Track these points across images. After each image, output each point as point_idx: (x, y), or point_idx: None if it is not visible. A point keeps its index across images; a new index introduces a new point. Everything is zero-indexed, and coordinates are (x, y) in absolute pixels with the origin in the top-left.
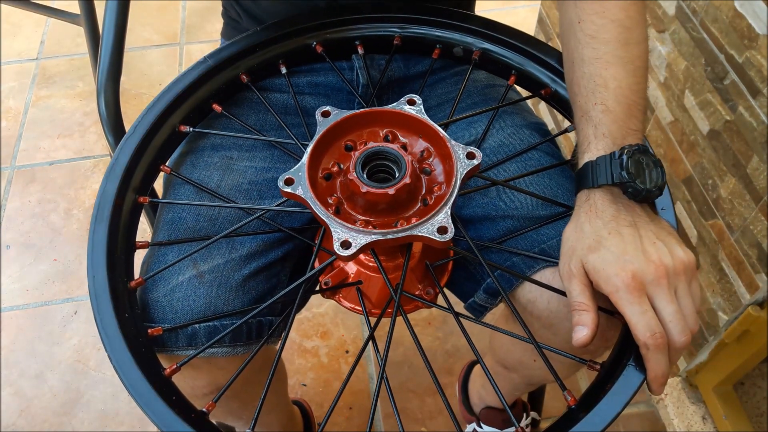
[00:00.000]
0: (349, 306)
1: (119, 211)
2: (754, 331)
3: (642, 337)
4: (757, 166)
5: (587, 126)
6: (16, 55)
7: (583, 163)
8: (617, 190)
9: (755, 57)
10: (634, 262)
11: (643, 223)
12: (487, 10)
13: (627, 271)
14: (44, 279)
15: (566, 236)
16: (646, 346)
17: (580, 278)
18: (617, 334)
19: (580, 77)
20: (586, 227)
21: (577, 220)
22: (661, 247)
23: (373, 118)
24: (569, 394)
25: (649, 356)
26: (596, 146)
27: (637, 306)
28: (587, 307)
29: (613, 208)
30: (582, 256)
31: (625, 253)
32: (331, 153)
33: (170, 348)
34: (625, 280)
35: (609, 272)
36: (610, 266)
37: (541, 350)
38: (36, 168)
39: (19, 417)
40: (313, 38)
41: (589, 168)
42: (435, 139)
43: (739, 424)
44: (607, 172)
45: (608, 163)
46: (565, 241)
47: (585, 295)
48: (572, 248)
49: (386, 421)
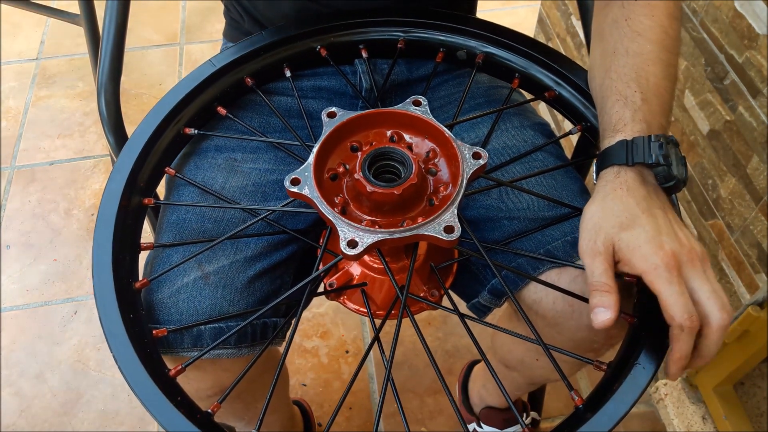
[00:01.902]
0: (354, 308)
1: (124, 212)
2: (754, 331)
3: (679, 318)
4: (757, 166)
5: (624, 108)
6: (16, 55)
7: (615, 141)
8: (648, 172)
9: (755, 57)
10: (671, 242)
11: (669, 209)
12: (487, 10)
13: (666, 250)
14: (44, 279)
15: (590, 213)
16: (681, 327)
17: (606, 257)
18: (622, 333)
19: (621, 66)
20: (616, 205)
21: (603, 197)
22: (687, 233)
23: (379, 119)
24: (576, 394)
25: (682, 337)
26: (633, 128)
27: (676, 286)
28: (610, 288)
29: (644, 189)
30: (613, 233)
31: (660, 233)
32: (337, 154)
33: (175, 349)
34: (665, 259)
35: (646, 250)
36: (647, 245)
37: (548, 350)
38: (36, 168)
39: (19, 417)
40: (317, 42)
41: (624, 145)
42: (441, 139)
43: (739, 424)
44: (645, 151)
45: (646, 143)
46: (589, 217)
47: (608, 275)
48: (598, 225)
49: (386, 421)
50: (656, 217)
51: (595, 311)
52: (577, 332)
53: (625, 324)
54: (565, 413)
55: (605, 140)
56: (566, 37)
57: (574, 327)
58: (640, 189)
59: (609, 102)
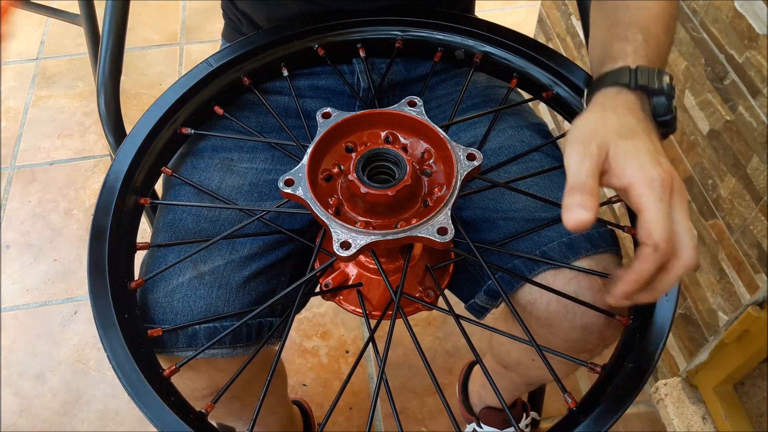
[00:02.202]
0: (350, 308)
1: (120, 212)
2: (754, 331)
3: (658, 237)
4: (757, 166)
5: (626, 44)
6: (16, 55)
7: (617, 67)
8: (647, 101)
9: (755, 57)
10: (667, 164)
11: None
12: (487, 10)
13: (664, 168)
14: (44, 279)
15: (586, 120)
16: (655, 248)
17: (597, 161)
18: (616, 334)
19: (623, 17)
20: (616, 117)
21: (602, 109)
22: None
23: (374, 119)
24: (570, 397)
25: (650, 259)
26: (635, 60)
27: (665, 205)
28: (593, 191)
29: (643, 114)
30: (610, 140)
31: (658, 153)
32: (332, 154)
33: (170, 349)
34: (662, 175)
35: (645, 161)
36: (646, 156)
37: (541, 352)
38: (36, 168)
39: (19, 417)
40: (314, 41)
41: (627, 70)
42: (435, 140)
43: (739, 425)
44: (650, 77)
45: (651, 73)
46: (584, 124)
47: (594, 179)
48: (595, 130)
49: (386, 421)
50: (653, 141)
51: (571, 208)
52: (570, 333)
53: (619, 325)
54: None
55: (605, 66)
56: (566, 37)
57: (567, 327)
58: (639, 112)
59: (608, 41)
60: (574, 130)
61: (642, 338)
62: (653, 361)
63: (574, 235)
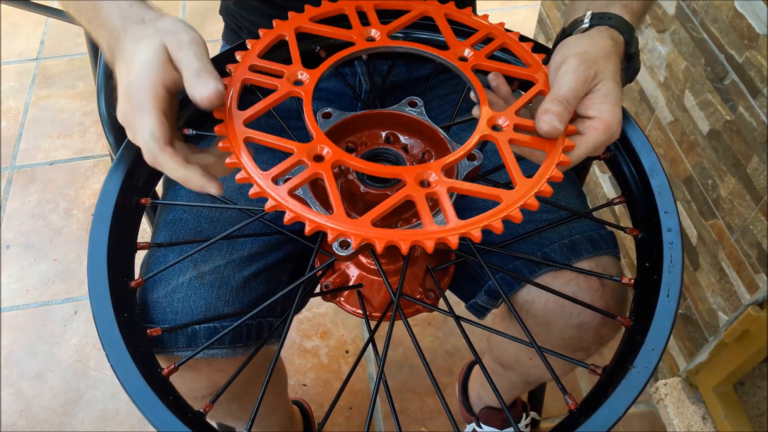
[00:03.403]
0: (351, 309)
1: (120, 211)
2: (754, 331)
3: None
4: (757, 166)
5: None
6: (16, 55)
7: (617, 10)
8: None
9: (755, 57)
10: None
11: None
12: (487, 10)
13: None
14: (44, 279)
15: (590, 48)
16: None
17: (587, 87)
18: (612, 333)
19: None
20: (616, 59)
21: (604, 47)
22: None
23: (374, 120)
24: (570, 398)
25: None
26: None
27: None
28: (572, 111)
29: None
30: (606, 77)
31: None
32: None
33: (170, 349)
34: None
35: (616, 110)
36: (618, 108)
37: (540, 352)
38: (36, 168)
39: (19, 417)
40: (316, 43)
41: (624, 23)
42: (435, 140)
43: (739, 425)
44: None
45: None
46: (587, 49)
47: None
48: (595, 59)
49: (386, 421)
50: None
51: (549, 115)
52: (566, 331)
53: (615, 324)
54: (565, 414)
55: (617, 8)
56: None
57: (563, 326)
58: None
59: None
60: (579, 48)
61: (643, 339)
62: (654, 363)
63: (575, 237)
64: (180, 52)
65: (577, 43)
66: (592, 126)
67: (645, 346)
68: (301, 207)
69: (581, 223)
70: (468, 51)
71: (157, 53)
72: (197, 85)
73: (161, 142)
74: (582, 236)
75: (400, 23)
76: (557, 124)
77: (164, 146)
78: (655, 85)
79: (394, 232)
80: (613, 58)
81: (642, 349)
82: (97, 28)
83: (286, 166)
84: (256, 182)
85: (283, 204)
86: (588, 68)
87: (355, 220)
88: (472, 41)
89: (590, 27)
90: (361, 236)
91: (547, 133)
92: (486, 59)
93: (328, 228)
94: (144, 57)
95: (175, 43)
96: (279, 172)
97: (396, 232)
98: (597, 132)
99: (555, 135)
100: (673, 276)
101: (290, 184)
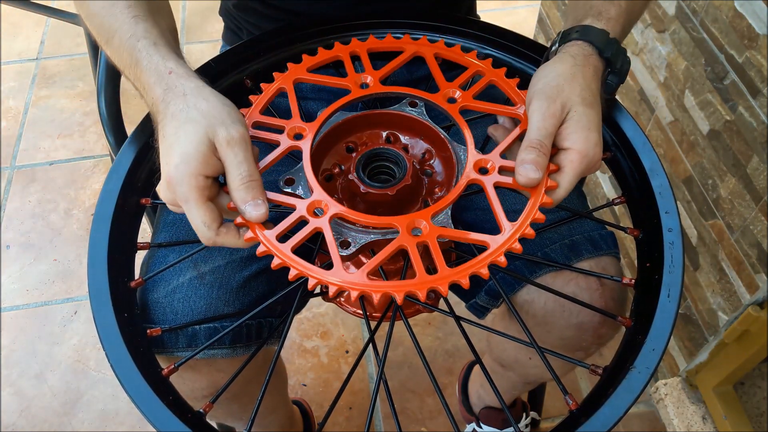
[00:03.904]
0: (351, 309)
1: (121, 212)
2: (754, 331)
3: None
4: (757, 166)
5: (611, 6)
6: (16, 55)
7: (600, 26)
8: (604, 74)
9: (755, 57)
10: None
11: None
12: (487, 10)
13: (599, 147)
14: (44, 279)
15: (558, 72)
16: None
17: (557, 121)
18: (611, 333)
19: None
20: (584, 80)
21: (573, 65)
22: None
23: (375, 120)
24: (571, 399)
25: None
26: (615, 27)
27: (578, 177)
28: (547, 152)
29: (598, 84)
30: (574, 103)
31: (600, 127)
32: (333, 154)
33: (170, 349)
34: (596, 154)
35: (591, 136)
36: (596, 133)
37: (541, 352)
38: (36, 168)
39: (19, 417)
40: (317, 43)
41: (606, 36)
42: (436, 140)
43: (739, 425)
44: (620, 56)
45: (621, 51)
46: (556, 75)
47: (551, 139)
48: (562, 87)
49: (386, 421)
50: (600, 113)
51: (525, 166)
52: (566, 331)
53: (614, 324)
54: (565, 413)
55: (588, 19)
56: None
57: (563, 326)
58: (598, 82)
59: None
60: (543, 81)
61: (644, 339)
62: (655, 363)
63: (575, 237)
64: (228, 149)
65: (540, 76)
66: (568, 158)
67: (645, 346)
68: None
69: (581, 223)
70: (457, 92)
71: (200, 144)
72: (249, 206)
73: (215, 227)
74: (582, 236)
75: (393, 67)
76: (533, 174)
77: (218, 230)
78: (655, 85)
79: (389, 284)
80: (579, 78)
81: (642, 350)
82: (140, 86)
83: (288, 225)
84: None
85: (288, 262)
86: (552, 102)
87: (353, 274)
88: (460, 81)
89: (558, 48)
90: (360, 290)
91: (526, 185)
92: (473, 100)
93: (329, 283)
94: (186, 148)
95: (224, 139)
96: (282, 231)
97: (391, 284)
98: (574, 164)
99: (534, 184)
100: (674, 276)
101: (292, 242)
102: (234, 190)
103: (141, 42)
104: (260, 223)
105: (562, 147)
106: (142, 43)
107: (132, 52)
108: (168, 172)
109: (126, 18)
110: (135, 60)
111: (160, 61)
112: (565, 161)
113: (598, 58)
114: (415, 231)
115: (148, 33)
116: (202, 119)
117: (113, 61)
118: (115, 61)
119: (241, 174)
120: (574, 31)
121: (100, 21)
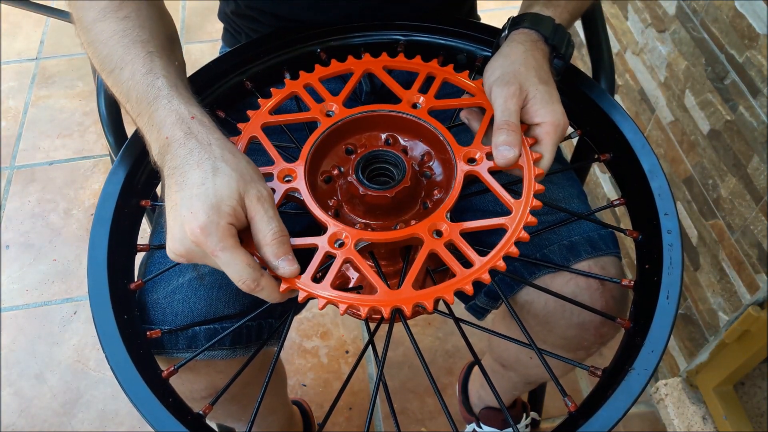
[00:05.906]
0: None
1: (121, 213)
2: (754, 331)
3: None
4: (757, 166)
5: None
6: (15, 55)
7: (547, 13)
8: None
9: (755, 57)
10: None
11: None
12: (487, 10)
13: (565, 116)
14: (44, 279)
15: (511, 60)
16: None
17: (519, 100)
18: (612, 332)
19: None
20: (536, 62)
21: (525, 51)
22: None
23: (374, 121)
24: (570, 400)
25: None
26: (562, 14)
27: (556, 145)
28: (517, 129)
29: (549, 66)
30: (532, 83)
31: (560, 102)
32: (332, 156)
33: (170, 350)
34: (564, 122)
35: (556, 108)
36: (557, 104)
37: (540, 354)
38: (36, 168)
39: (19, 417)
40: (317, 45)
41: (551, 24)
42: (435, 142)
43: (739, 425)
44: (565, 41)
45: (566, 36)
46: (510, 63)
47: (518, 116)
48: (518, 72)
49: (386, 422)
50: (555, 90)
51: (500, 148)
52: (567, 330)
53: (615, 326)
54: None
55: (537, 6)
56: None
57: (564, 325)
58: (549, 64)
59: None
60: (500, 70)
61: (643, 341)
62: (654, 365)
63: (574, 238)
64: (259, 205)
65: (495, 66)
66: (543, 131)
67: (644, 348)
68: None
69: (581, 224)
70: (421, 98)
71: (231, 198)
72: (283, 261)
73: (259, 269)
74: (581, 237)
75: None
76: (508, 153)
77: (262, 270)
78: (655, 85)
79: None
80: (531, 61)
81: (641, 351)
82: (151, 124)
83: (318, 264)
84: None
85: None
86: (510, 85)
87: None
88: (417, 86)
89: (508, 35)
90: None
91: (506, 164)
92: (436, 100)
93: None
94: (217, 199)
95: (255, 196)
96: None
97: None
98: (550, 135)
99: (514, 161)
100: (673, 278)
101: (328, 279)
102: (266, 245)
103: (160, 80)
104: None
105: (534, 122)
106: (161, 82)
107: (149, 89)
108: (196, 221)
109: (140, 52)
110: (153, 97)
111: (181, 104)
112: (542, 134)
113: (544, 44)
114: (436, 233)
115: (167, 71)
116: (233, 173)
117: (114, 91)
118: (117, 91)
119: (273, 230)
120: (522, 18)
121: (109, 51)
